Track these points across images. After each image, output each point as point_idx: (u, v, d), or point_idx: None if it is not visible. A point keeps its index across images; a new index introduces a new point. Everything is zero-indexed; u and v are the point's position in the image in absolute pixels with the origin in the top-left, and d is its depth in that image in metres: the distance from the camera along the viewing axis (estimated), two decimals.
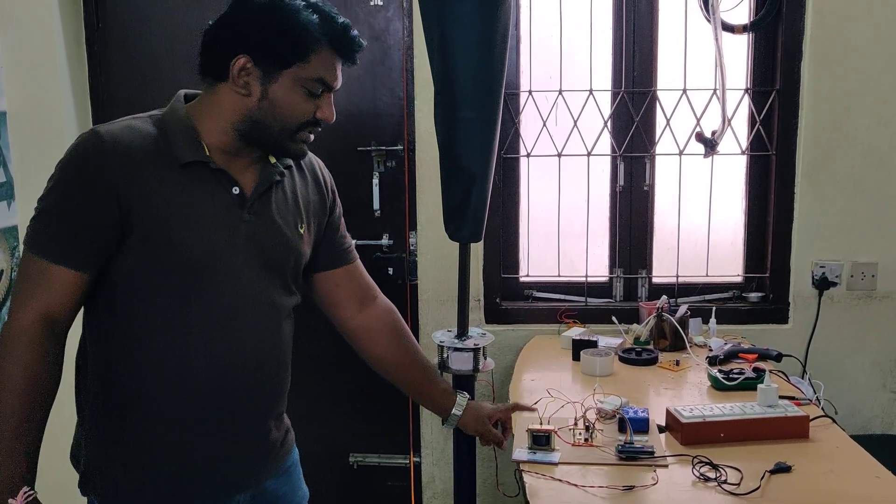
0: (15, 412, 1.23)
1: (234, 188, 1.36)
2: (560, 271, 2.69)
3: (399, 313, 1.68)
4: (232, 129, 1.35)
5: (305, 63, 1.32)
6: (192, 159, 1.32)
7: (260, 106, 1.33)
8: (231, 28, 1.33)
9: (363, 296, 1.63)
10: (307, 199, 1.50)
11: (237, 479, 1.43)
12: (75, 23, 2.66)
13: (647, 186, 2.65)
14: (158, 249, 1.29)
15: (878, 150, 2.50)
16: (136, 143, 1.30)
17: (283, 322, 1.45)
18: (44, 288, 1.26)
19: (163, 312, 1.32)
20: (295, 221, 1.46)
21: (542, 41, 2.61)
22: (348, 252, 1.61)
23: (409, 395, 1.68)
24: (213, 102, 1.36)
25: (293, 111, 1.35)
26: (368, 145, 2.65)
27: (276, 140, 1.37)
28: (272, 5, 1.32)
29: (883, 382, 2.60)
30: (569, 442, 1.70)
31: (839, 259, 2.55)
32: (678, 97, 2.57)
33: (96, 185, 1.26)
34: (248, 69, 1.32)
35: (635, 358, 2.26)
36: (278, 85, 1.33)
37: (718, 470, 1.55)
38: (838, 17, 2.45)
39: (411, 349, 1.67)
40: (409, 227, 2.67)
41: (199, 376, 1.34)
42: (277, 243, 1.42)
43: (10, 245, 2.55)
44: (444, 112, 1.96)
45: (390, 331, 1.65)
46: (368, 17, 2.60)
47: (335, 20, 1.35)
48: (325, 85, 1.36)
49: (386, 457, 2.80)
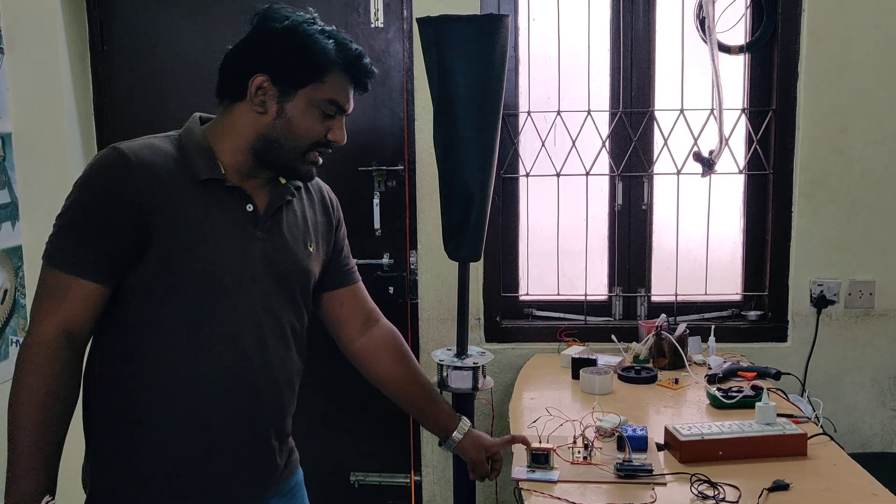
0: (36, 423, 1.25)
1: (248, 205, 1.39)
2: (559, 290, 2.71)
3: (401, 336, 1.70)
4: (247, 147, 1.38)
5: (320, 84, 1.37)
6: (209, 176, 1.36)
7: (275, 124, 1.37)
8: (250, 49, 1.38)
9: (367, 317, 1.66)
10: (315, 220, 1.54)
11: (241, 499, 1.44)
12: (80, 45, 2.69)
13: (645, 206, 2.67)
14: (175, 263, 1.32)
15: (875, 170, 2.52)
16: (157, 161, 1.33)
17: (291, 340, 1.47)
18: (64, 301, 1.29)
19: (175, 327, 1.34)
20: (304, 241, 1.49)
21: (540, 62, 2.64)
22: (352, 272, 1.65)
23: (411, 414, 1.69)
24: (229, 123, 1.39)
25: (307, 130, 1.38)
26: (369, 165, 2.67)
27: (288, 160, 1.40)
28: (290, 29, 1.36)
29: (882, 400, 2.60)
30: (568, 460, 1.70)
31: (837, 277, 2.56)
32: (676, 117, 2.59)
33: (119, 199, 1.28)
34: (266, 87, 1.36)
35: (634, 376, 2.26)
36: (294, 104, 1.37)
37: (717, 488, 1.56)
38: (833, 38, 2.48)
39: (413, 371, 1.69)
40: (410, 247, 2.68)
41: (208, 393, 1.36)
42: (288, 261, 1.45)
43: (13, 265, 2.57)
44: (444, 132, 1.99)
45: (393, 352, 1.67)
46: (369, 38, 2.63)
47: (350, 47, 1.39)
48: (339, 107, 1.40)
49: (387, 476, 2.81)
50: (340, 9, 2.63)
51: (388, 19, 2.62)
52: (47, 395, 1.26)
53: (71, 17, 2.64)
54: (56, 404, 1.27)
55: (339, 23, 2.61)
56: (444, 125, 1.98)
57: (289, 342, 1.46)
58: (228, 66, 1.40)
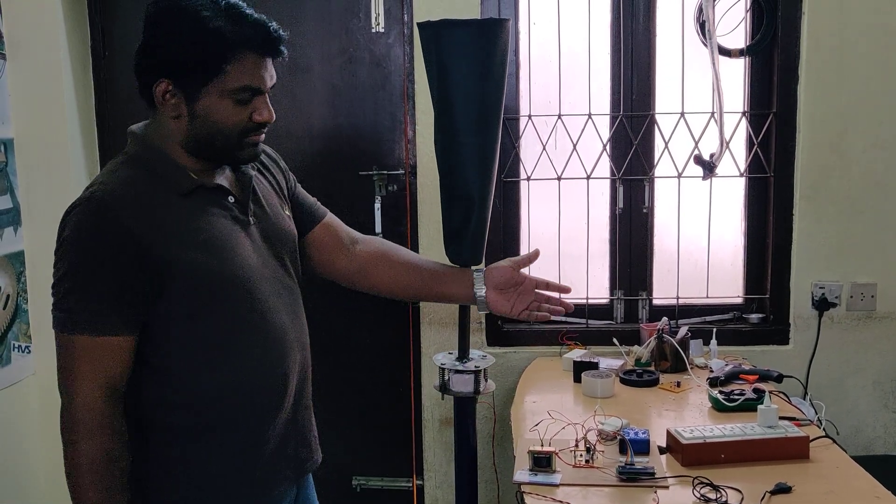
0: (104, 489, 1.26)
1: (229, 197, 1.39)
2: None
3: (381, 238, 1.73)
4: (183, 150, 1.35)
5: (223, 75, 1.29)
6: (192, 186, 1.34)
7: (193, 126, 1.33)
8: (147, 52, 1.32)
9: (348, 241, 1.67)
10: (276, 182, 1.55)
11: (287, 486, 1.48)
12: (82, 51, 2.70)
13: (646, 209, 2.67)
14: (197, 280, 1.30)
15: (875, 172, 2.52)
16: (133, 190, 1.29)
17: (301, 307, 1.51)
18: (98, 363, 1.26)
19: (214, 336, 1.34)
20: (281, 206, 1.51)
21: (540, 66, 2.65)
22: (318, 207, 1.66)
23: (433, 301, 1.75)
24: (161, 128, 1.36)
25: (227, 123, 1.33)
26: (370, 170, 2.68)
27: (225, 152, 1.36)
28: (179, 23, 1.28)
29: (885, 403, 2.60)
30: (570, 463, 1.70)
31: (838, 280, 2.56)
32: (676, 120, 2.60)
33: (119, 245, 1.25)
34: (171, 91, 1.30)
35: (636, 379, 2.26)
36: (202, 102, 1.31)
37: (719, 491, 1.56)
38: (833, 41, 2.48)
39: (408, 263, 1.70)
40: (411, 251, 2.68)
41: (255, 385, 1.38)
42: (280, 232, 1.47)
43: (16, 270, 2.57)
44: (444, 136, 1.99)
45: (382, 258, 1.68)
46: (369, 43, 2.64)
47: (245, 21, 1.30)
48: (252, 90, 1.33)
49: (389, 480, 2.80)
50: (340, 13, 2.64)
51: (389, 24, 2.63)
52: (108, 457, 1.26)
53: (73, 23, 2.64)
54: (118, 462, 1.27)
55: (340, 27, 2.63)
56: (445, 129, 1.98)
57: (300, 310, 1.50)
58: (136, 72, 1.34)
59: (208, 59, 1.28)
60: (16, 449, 2.58)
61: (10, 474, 2.56)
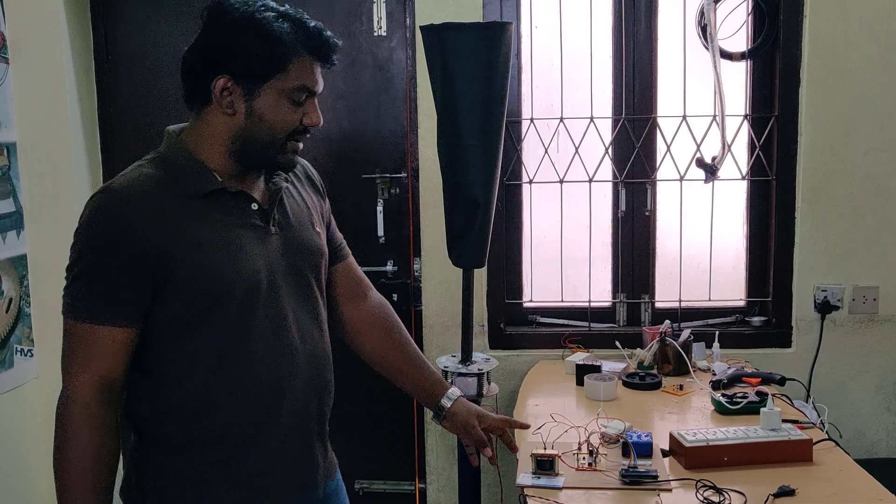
0: (88, 486, 1.26)
1: (252, 204, 1.38)
2: (563, 296, 2.71)
3: (391, 307, 1.69)
4: (227, 151, 1.36)
5: (285, 74, 1.32)
6: (211, 189, 1.34)
7: (248, 123, 1.34)
8: (207, 50, 1.34)
9: (356, 292, 1.65)
10: (311, 199, 1.54)
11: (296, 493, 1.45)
12: (85, 55, 2.71)
13: (648, 212, 2.67)
14: (203, 284, 1.30)
15: (876, 175, 2.52)
16: (149, 189, 1.30)
17: (324, 324, 1.49)
18: (96, 353, 1.27)
19: (220, 343, 1.33)
20: (310, 222, 1.49)
21: (543, 70, 2.65)
22: (344, 247, 1.65)
23: (402, 387, 1.69)
24: (204, 129, 1.36)
25: (282, 122, 1.35)
26: (373, 173, 2.68)
27: (268, 154, 1.37)
28: (243, 22, 1.31)
29: (887, 405, 2.60)
30: (573, 466, 1.70)
31: (840, 283, 2.56)
32: (678, 124, 2.60)
33: (125, 238, 1.26)
34: (230, 88, 1.32)
35: (639, 382, 2.26)
36: (262, 99, 1.33)
37: (722, 494, 1.56)
38: (834, 44, 2.48)
39: (401, 343, 1.67)
40: (414, 254, 2.69)
41: (263, 393, 1.37)
42: (305, 247, 1.45)
43: (18, 273, 2.58)
44: (447, 140, 2.00)
45: (381, 327, 1.66)
46: (372, 46, 2.65)
47: (307, 25, 1.33)
48: (309, 91, 1.36)
49: (392, 483, 2.80)
50: (343, 17, 2.64)
51: (392, 27, 2.64)
52: (95, 454, 1.27)
53: (76, 28, 2.65)
54: (105, 459, 1.28)
55: (343, 31, 2.64)
56: (448, 132, 1.99)
57: (322, 326, 1.48)
58: (189, 70, 1.35)
59: (273, 57, 1.31)
60: (18, 452, 2.58)
61: (13, 477, 2.56)
